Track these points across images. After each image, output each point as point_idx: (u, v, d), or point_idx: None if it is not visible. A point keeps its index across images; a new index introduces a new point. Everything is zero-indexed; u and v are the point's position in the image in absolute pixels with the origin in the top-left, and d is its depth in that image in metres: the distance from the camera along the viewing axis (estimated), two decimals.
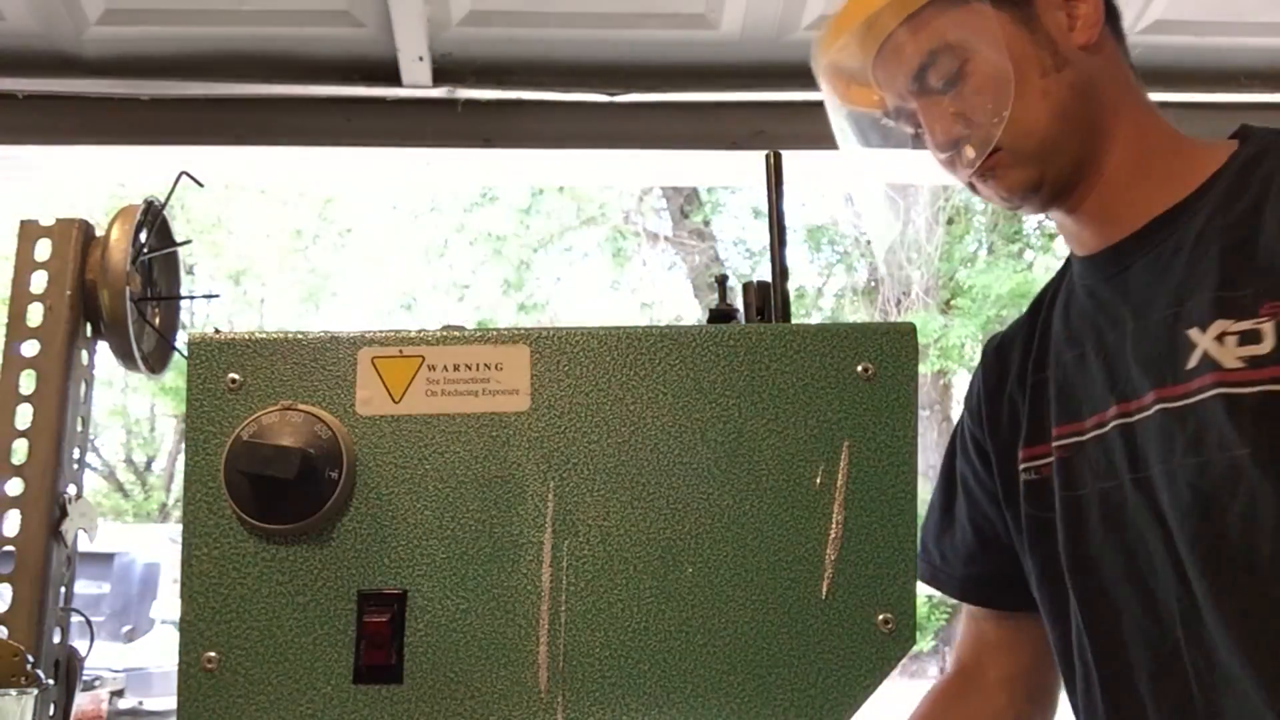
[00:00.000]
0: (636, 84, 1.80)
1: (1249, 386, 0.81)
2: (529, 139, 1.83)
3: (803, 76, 1.91)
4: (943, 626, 12.38)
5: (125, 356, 0.96)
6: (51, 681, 0.90)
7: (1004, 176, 0.95)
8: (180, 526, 0.49)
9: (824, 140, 1.85)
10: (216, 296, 1.14)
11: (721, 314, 0.66)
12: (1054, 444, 0.96)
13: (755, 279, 0.67)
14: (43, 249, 0.95)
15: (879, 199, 1.12)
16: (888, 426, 0.48)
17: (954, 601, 1.14)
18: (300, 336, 0.49)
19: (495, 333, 0.49)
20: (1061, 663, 0.98)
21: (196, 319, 1.08)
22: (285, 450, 0.46)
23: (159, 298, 1.04)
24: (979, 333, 10.14)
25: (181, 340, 1.05)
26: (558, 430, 0.48)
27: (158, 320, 1.04)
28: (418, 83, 1.74)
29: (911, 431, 0.48)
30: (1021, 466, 1.00)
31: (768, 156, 0.60)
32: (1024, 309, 1.10)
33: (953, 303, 10.34)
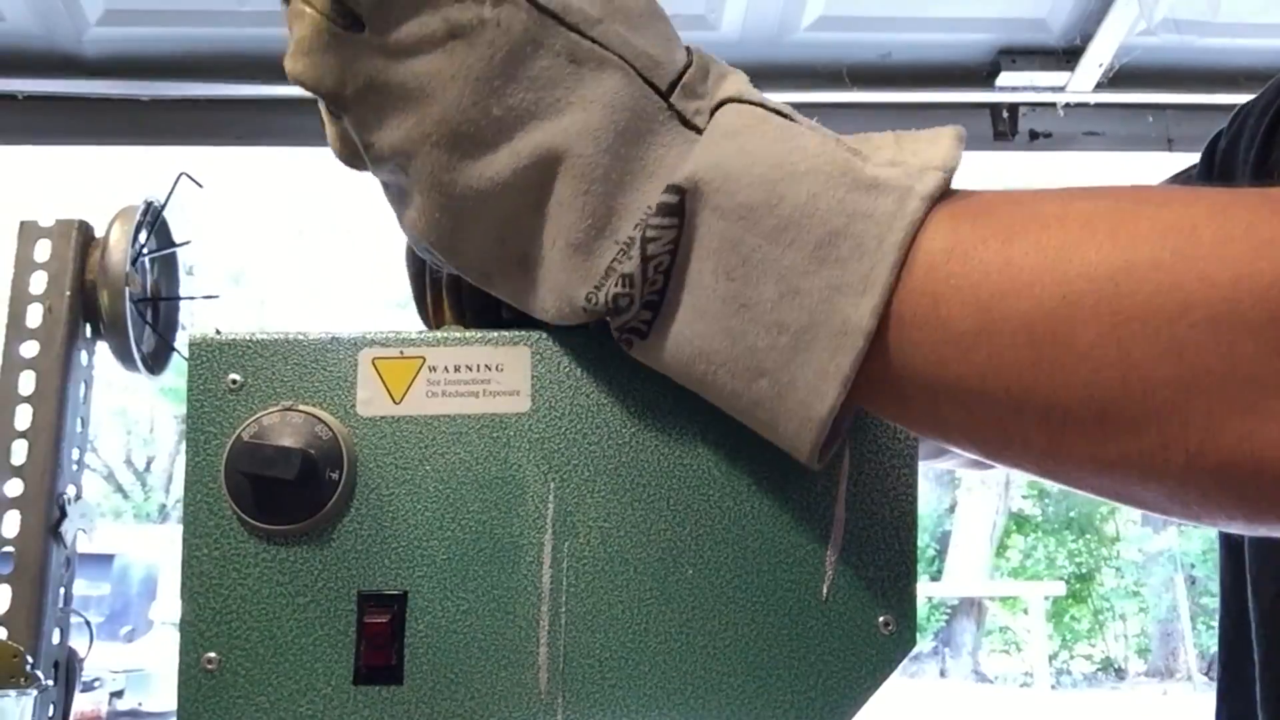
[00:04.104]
0: None
1: None
2: None
3: (803, 76, 1.92)
4: (942, 627, 12.39)
5: (125, 357, 0.96)
6: (51, 682, 0.90)
7: None
8: (180, 527, 0.48)
9: None
10: (216, 297, 1.13)
11: None
12: None
13: None
14: (42, 249, 0.95)
15: None
16: (889, 427, 0.48)
17: (954, 602, 1.13)
18: (301, 337, 0.49)
19: (496, 334, 0.49)
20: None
21: (196, 319, 1.08)
22: (286, 451, 0.46)
23: (159, 298, 1.04)
24: None
25: (181, 341, 1.06)
26: (558, 431, 0.48)
27: (157, 321, 1.04)
28: None
29: (913, 432, 0.48)
30: None
31: None
32: None
33: None
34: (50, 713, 0.90)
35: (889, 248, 0.38)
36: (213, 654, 0.47)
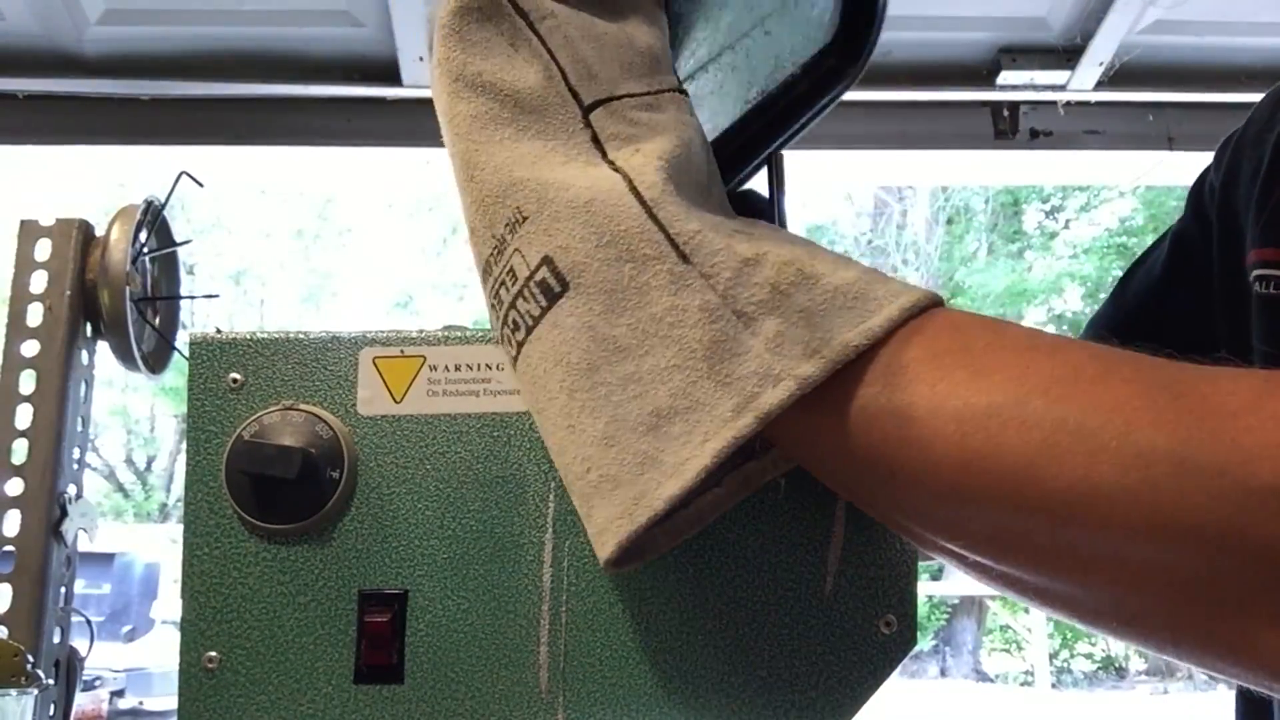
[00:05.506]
0: None
1: None
2: None
3: None
4: (943, 626, 12.40)
5: (125, 356, 0.96)
6: (51, 681, 0.90)
7: None
8: (180, 526, 0.49)
9: (824, 140, 1.86)
10: (216, 296, 1.13)
11: None
12: None
13: None
14: (43, 249, 0.95)
15: None
16: None
17: (955, 601, 1.12)
18: (301, 336, 0.49)
19: (496, 333, 0.49)
20: None
21: (197, 319, 1.08)
22: (287, 450, 0.46)
23: (159, 298, 1.04)
24: None
25: (182, 340, 1.05)
26: None
27: (157, 320, 1.04)
28: (418, 83, 1.74)
29: None
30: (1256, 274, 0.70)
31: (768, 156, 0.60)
32: (1022, 309, 1.02)
33: (952, 302, 10.34)
34: (51, 712, 0.90)
35: (707, 452, 0.39)
36: (213, 653, 0.47)
